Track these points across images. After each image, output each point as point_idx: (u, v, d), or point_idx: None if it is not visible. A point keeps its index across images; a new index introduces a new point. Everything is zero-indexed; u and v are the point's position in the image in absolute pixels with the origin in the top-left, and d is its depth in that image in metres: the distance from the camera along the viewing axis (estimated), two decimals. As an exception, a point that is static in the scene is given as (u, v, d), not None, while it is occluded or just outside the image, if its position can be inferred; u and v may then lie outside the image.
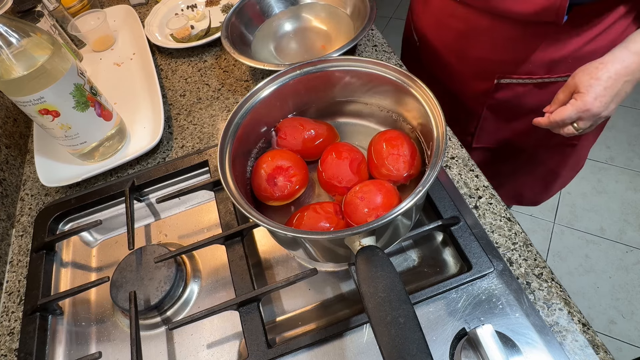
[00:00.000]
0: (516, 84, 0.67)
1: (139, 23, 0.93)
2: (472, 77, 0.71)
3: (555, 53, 0.61)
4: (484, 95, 0.72)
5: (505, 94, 0.70)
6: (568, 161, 0.82)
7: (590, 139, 0.80)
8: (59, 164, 0.70)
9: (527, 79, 0.66)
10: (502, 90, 0.69)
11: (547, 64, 0.63)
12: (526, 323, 0.44)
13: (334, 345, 0.47)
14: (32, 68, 0.53)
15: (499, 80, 0.68)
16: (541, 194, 0.93)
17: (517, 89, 0.68)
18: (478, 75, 0.70)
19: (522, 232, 0.51)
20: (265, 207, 0.50)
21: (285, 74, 0.52)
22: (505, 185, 0.92)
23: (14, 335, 0.55)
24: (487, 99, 0.72)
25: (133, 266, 0.54)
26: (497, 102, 0.72)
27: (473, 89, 0.73)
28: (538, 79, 0.65)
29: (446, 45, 0.72)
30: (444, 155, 0.47)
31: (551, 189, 0.91)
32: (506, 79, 0.67)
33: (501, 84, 0.68)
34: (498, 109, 0.73)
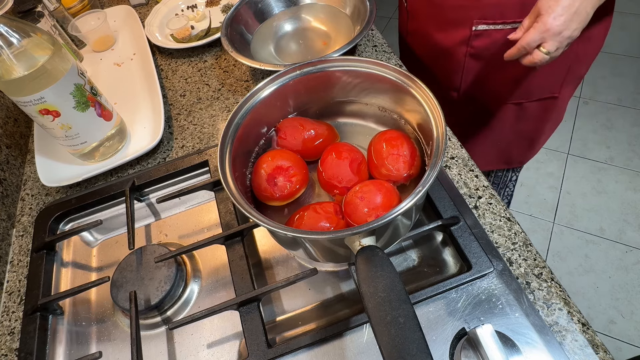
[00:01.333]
0: (493, 30, 0.70)
1: (139, 23, 0.93)
2: (450, 25, 0.74)
3: None
4: (464, 44, 0.74)
5: (483, 41, 0.72)
6: (550, 115, 0.85)
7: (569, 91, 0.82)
8: (59, 164, 0.70)
9: (501, 24, 0.68)
10: (480, 38, 0.72)
11: (519, 6, 0.65)
12: (526, 323, 0.44)
13: (334, 345, 0.47)
14: (32, 68, 0.53)
15: (476, 27, 0.70)
16: (527, 152, 0.96)
17: (495, 35, 0.70)
18: (455, 24, 0.73)
19: (522, 232, 0.51)
20: (265, 207, 0.50)
21: (285, 74, 0.52)
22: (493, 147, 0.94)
23: (15, 335, 0.55)
24: (467, 48, 0.74)
25: (133, 266, 0.55)
26: (477, 51, 0.74)
27: (453, 39, 0.75)
28: (512, 23, 0.67)
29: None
30: (444, 155, 0.47)
31: (536, 146, 0.94)
32: (482, 25, 0.70)
33: (478, 31, 0.71)
34: (479, 58, 0.75)
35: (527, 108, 0.82)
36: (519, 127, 0.87)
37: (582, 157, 1.74)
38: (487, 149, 0.94)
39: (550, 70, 0.74)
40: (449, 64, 0.80)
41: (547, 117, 0.85)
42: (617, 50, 2.08)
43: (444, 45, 0.78)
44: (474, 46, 0.74)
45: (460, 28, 0.73)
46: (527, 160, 0.98)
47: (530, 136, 0.90)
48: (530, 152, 0.96)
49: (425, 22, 0.79)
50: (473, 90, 0.82)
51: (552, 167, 1.73)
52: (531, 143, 0.92)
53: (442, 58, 0.81)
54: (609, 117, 1.84)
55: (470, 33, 0.72)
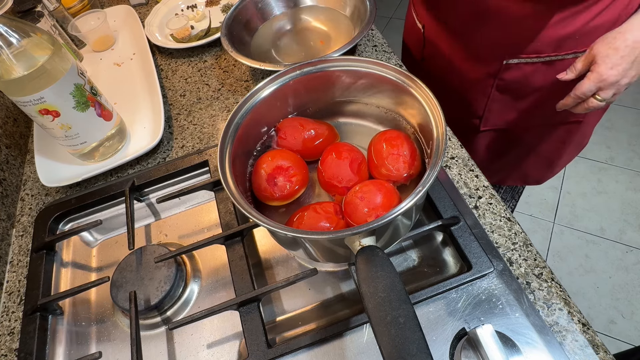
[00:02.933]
0: (524, 64, 0.68)
1: (139, 23, 0.93)
2: (480, 59, 0.71)
3: (563, 30, 0.61)
4: (492, 77, 0.72)
5: (513, 74, 0.70)
6: (573, 138, 0.83)
7: (597, 116, 0.80)
8: (59, 164, 0.70)
9: (536, 58, 0.66)
10: (510, 71, 0.69)
11: (555, 42, 0.63)
12: (526, 323, 0.44)
13: (334, 345, 0.47)
14: (32, 68, 0.53)
15: (508, 61, 0.68)
16: (546, 172, 0.94)
17: (526, 68, 0.68)
18: (486, 58, 0.70)
19: (522, 232, 0.51)
20: (265, 207, 0.50)
21: (285, 74, 0.52)
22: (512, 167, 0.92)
23: (14, 335, 0.55)
24: (496, 80, 0.72)
25: (133, 266, 0.55)
26: (506, 83, 0.72)
27: (481, 72, 0.73)
28: (546, 57, 0.65)
29: (452, 29, 0.72)
30: (444, 155, 0.47)
31: (556, 167, 0.92)
32: (514, 59, 0.67)
33: (509, 65, 0.68)
34: (506, 89, 0.73)
35: (550, 132, 0.81)
36: (539, 149, 0.85)
37: (583, 157, 1.74)
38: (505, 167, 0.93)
39: None
40: (472, 94, 0.78)
41: (570, 140, 0.83)
42: (617, 50, 2.08)
43: (468, 77, 0.75)
44: (503, 79, 0.71)
45: (490, 62, 0.70)
46: (544, 180, 0.97)
47: (550, 157, 0.88)
48: (549, 172, 0.94)
49: (446, 51, 0.76)
50: (497, 119, 0.80)
51: (552, 167, 1.73)
52: (550, 164, 0.91)
53: (466, 88, 0.78)
54: (609, 117, 1.84)
55: (500, 67, 0.69)
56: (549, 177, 0.96)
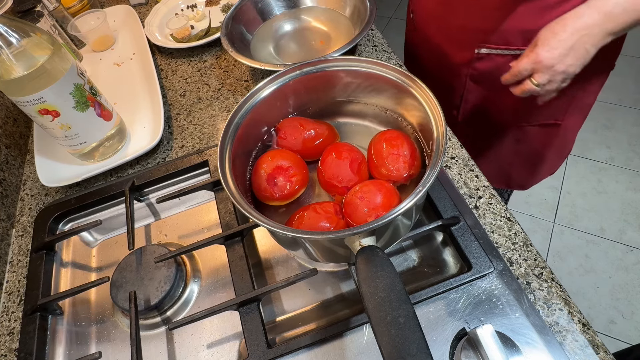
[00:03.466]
0: (496, 55, 0.70)
1: (139, 23, 0.93)
2: (455, 45, 0.74)
3: (531, 23, 0.63)
4: (466, 66, 0.74)
5: (485, 64, 0.72)
6: (553, 142, 0.84)
7: (576, 121, 0.81)
8: (59, 164, 0.70)
9: (506, 49, 0.68)
10: (482, 61, 0.72)
11: (524, 34, 0.65)
12: (526, 323, 0.44)
13: (334, 345, 0.47)
14: (32, 68, 0.53)
15: (479, 50, 0.70)
16: (528, 177, 0.95)
17: (497, 59, 0.70)
18: (459, 45, 0.73)
19: (522, 232, 0.51)
20: (265, 207, 0.50)
21: (285, 74, 0.51)
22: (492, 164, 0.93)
23: (14, 335, 0.55)
24: (469, 69, 0.74)
25: (133, 266, 0.54)
26: (479, 73, 0.74)
27: (457, 58, 0.75)
28: (516, 50, 0.67)
29: (429, 14, 0.75)
30: (444, 155, 0.47)
31: (538, 173, 0.93)
32: (485, 48, 0.70)
33: (481, 54, 0.71)
34: (480, 80, 0.75)
35: (528, 132, 0.81)
36: (519, 149, 0.86)
37: (583, 157, 1.74)
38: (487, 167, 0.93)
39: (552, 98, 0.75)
40: (451, 81, 0.80)
41: (550, 143, 0.84)
42: (617, 50, 2.08)
43: (448, 63, 0.78)
44: (476, 68, 0.73)
45: (464, 49, 0.73)
46: (528, 185, 0.97)
47: (531, 160, 0.89)
48: (532, 177, 0.94)
49: (432, 36, 0.79)
50: (473, 110, 0.82)
51: (552, 167, 1.73)
52: (533, 168, 0.91)
53: (446, 75, 0.80)
54: (609, 117, 1.84)
55: (473, 55, 0.72)
56: (532, 183, 0.96)
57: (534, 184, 0.97)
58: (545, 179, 0.95)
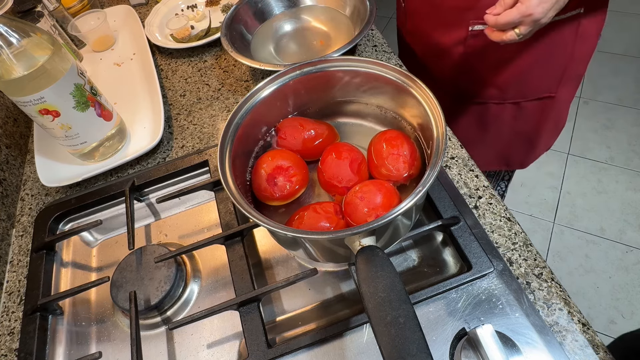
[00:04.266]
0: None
1: (139, 23, 0.93)
2: (447, 25, 0.74)
3: None
4: (461, 44, 0.75)
5: (479, 41, 0.72)
6: (549, 116, 0.85)
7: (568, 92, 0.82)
8: (59, 164, 0.70)
9: None
10: (476, 38, 0.72)
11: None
12: (526, 323, 0.44)
13: (334, 345, 0.47)
14: (32, 68, 0.53)
15: (472, 27, 0.71)
16: (527, 154, 0.96)
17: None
18: (452, 23, 0.73)
19: (522, 232, 0.51)
20: (265, 207, 0.50)
21: (285, 74, 0.52)
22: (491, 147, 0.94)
23: (14, 335, 0.55)
24: (464, 48, 0.75)
25: (133, 266, 0.55)
26: (473, 50, 0.74)
27: (450, 39, 0.75)
28: None
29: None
30: (444, 155, 0.47)
31: (536, 149, 0.94)
32: (479, 25, 0.70)
33: (475, 32, 0.71)
34: (475, 57, 0.76)
35: (525, 107, 0.82)
36: (517, 127, 0.87)
37: (582, 157, 1.74)
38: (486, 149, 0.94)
39: (546, 69, 0.75)
40: (446, 63, 0.81)
41: (545, 117, 0.85)
42: (617, 50, 2.08)
43: (441, 45, 0.78)
44: (470, 45, 0.74)
45: (457, 28, 0.73)
46: (527, 163, 0.98)
47: (529, 137, 0.90)
48: (531, 154, 0.96)
49: (423, 22, 0.80)
50: (470, 89, 0.83)
51: (552, 167, 1.73)
52: (531, 145, 0.92)
53: (440, 57, 0.81)
54: (609, 117, 1.84)
55: (467, 33, 0.72)
56: (532, 159, 0.97)
57: (533, 161, 0.98)
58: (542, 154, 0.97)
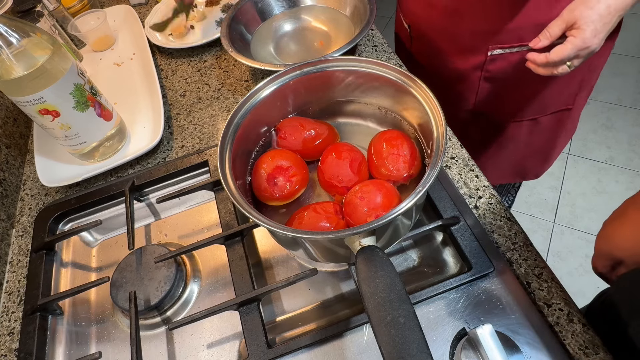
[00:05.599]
0: (509, 54, 0.68)
1: (139, 23, 0.93)
2: (465, 51, 0.72)
3: (544, 16, 0.61)
4: (479, 69, 0.72)
5: (499, 64, 0.70)
6: (564, 126, 0.83)
7: (583, 101, 0.80)
8: (59, 164, 0.70)
9: (519, 46, 0.66)
10: (496, 62, 0.70)
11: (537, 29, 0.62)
12: (526, 323, 0.44)
13: (334, 345, 0.47)
14: (32, 68, 0.53)
15: (492, 52, 0.68)
16: (542, 165, 0.94)
17: (511, 58, 0.68)
18: (470, 49, 0.71)
19: (522, 232, 0.51)
20: (265, 207, 0.50)
21: (285, 74, 0.52)
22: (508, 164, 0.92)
23: (14, 335, 0.55)
24: (482, 72, 0.73)
25: (133, 266, 0.54)
26: (492, 74, 0.72)
27: (467, 64, 0.73)
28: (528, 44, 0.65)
29: (437, 24, 0.72)
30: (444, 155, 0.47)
31: (550, 158, 0.93)
32: (498, 49, 0.68)
33: (494, 56, 0.69)
34: (494, 80, 0.74)
35: (541, 122, 0.80)
36: (532, 141, 0.85)
37: (582, 157, 1.74)
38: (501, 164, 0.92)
39: (565, 85, 0.73)
40: (461, 86, 0.78)
41: (561, 129, 0.83)
42: (617, 50, 2.08)
43: (456, 70, 0.76)
44: (489, 70, 0.71)
45: (475, 54, 0.70)
46: (542, 173, 0.97)
47: (544, 150, 0.89)
48: (545, 165, 0.94)
49: (433, 47, 0.77)
50: (487, 110, 0.80)
51: (552, 167, 1.72)
52: (546, 156, 0.91)
53: (454, 81, 0.78)
54: (609, 117, 1.84)
55: (485, 58, 0.70)
56: (545, 169, 0.96)
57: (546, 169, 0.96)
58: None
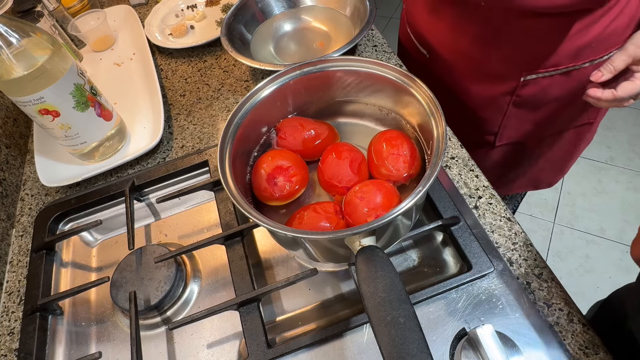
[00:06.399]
0: (542, 78, 0.66)
1: (139, 23, 0.93)
2: (495, 79, 0.69)
3: (581, 40, 0.60)
4: (509, 95, 0.70)
5: (531, 89, 0.68)
6: (583, 138, 0.82)
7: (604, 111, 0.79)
8: (59, 164, 0.70)
9: (553, 70, 0.64)
10: (527, 87, 0.68)
11: (573, 53, 0.61)
12: (526, 323, 0.44)
13: (334, 345, 0.47)
14: (32, 68, 0.53)
15: (525, 78, 0.66)
16: (557, 174, 0.94)
17: (543, 82, 0.66)
18: (502, 77, 0.68)
19: (522, 232, 0.51)
20: (265, 207, 0.50)
21: (285, 74, 0.52)
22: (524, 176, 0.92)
23: (14, 335, 0.55)
24: (513, 97, 0.70)
25: (133, 266, 0.54)
26: (522, 99, 0.70)
27: (496, 91, 0.71)
28: (564, 68, 0.64)
29: (464, 52, 0.69)
30: (444, 155, 0.47)
31: (566, 168, 0.92)
32: (532, 74, 0.66)
33: (527, 81, 0.67)
34: (523, 104, 0.71)
35: (563, 137, 0.79)
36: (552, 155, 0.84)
37: (583, 157, 1.74)
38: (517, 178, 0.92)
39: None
40: (486, 112, 0.75)
41: (582, 140, 0.83)
42: (617, 50, 2.08)
43: (481, 96, 0.73)
44: (520, 95, 0.69)
45: (506, 80, 0.68)
46: (555, 182, 0.96)
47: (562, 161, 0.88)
48: (560, 174, 0.94)
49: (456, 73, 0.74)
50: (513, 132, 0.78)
51: (552, 167, 1.73)
52: (562, 167, 0.91)
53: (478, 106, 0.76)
54: (609, 117, 1.84)
55: (517, 84, 0.67)
56: (560, 178, 0.95)
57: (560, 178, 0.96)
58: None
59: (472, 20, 0.63)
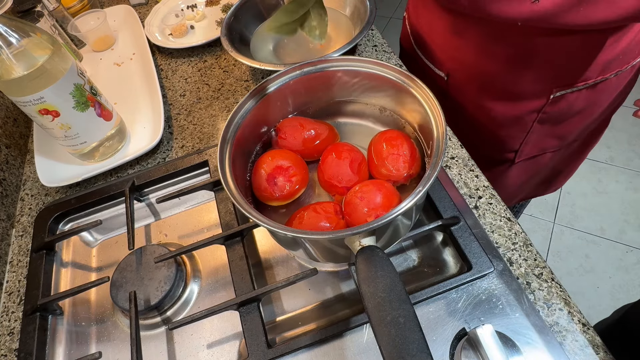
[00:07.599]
0: (570, 93, 0.65)
1: (139, 23, 0.93)
2: (522, 98, 0.68)
3: (611, 53, 0.59)
4: (536, 112, 0.69)
5: (558, 105, 0.67)
6: (594, 142, 0.83)
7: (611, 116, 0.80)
8: (59, 164, 0.70)
9: (583, 85, 0.64)
10: (555, 103, 0.67)
11: (602, 66, 0.61)
12: (526, 323, 0.44)
13: (334, 345, 0.47)
14: (32, 68, 0.53)
15: (555, 94, 0.65)
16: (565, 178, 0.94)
17: (570, 97, 0.66)
18: (531, 95, 0.67)
19: (522, 232, 0.51)
20: (265, 207, 0.50)
21: (285, 74, 0.52)
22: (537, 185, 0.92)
23: (14, 335, 0.55)
24: (539, 115, 0.69)
25: (133, 266, 0.54)
26: (549, 116, 0.69)
27: (522, 109, 0.69)
28: (592, 82, 0.63)
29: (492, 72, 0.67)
30: (444, 155, 0.47)
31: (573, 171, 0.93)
32: (562, 91, 0.65)
33: (556, 97, 0.66)
34: (548, 120, 0.70)
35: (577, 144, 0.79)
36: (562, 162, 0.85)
37: (582, 157, 1.74)
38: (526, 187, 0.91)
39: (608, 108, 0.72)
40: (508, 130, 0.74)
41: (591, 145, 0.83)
42: (617, 50, 2.08)
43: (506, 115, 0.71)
44: (546, 112, 0.68)
45: (535, 98, 0.66)
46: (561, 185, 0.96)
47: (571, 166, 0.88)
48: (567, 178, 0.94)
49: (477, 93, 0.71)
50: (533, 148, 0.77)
51: (552, 167, 1.73)
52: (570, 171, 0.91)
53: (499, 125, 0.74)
54: (609, 117, 1.84)
55: (547, 101, 0.66)
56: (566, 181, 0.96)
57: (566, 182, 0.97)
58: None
59: (503, 40, 0.61)
